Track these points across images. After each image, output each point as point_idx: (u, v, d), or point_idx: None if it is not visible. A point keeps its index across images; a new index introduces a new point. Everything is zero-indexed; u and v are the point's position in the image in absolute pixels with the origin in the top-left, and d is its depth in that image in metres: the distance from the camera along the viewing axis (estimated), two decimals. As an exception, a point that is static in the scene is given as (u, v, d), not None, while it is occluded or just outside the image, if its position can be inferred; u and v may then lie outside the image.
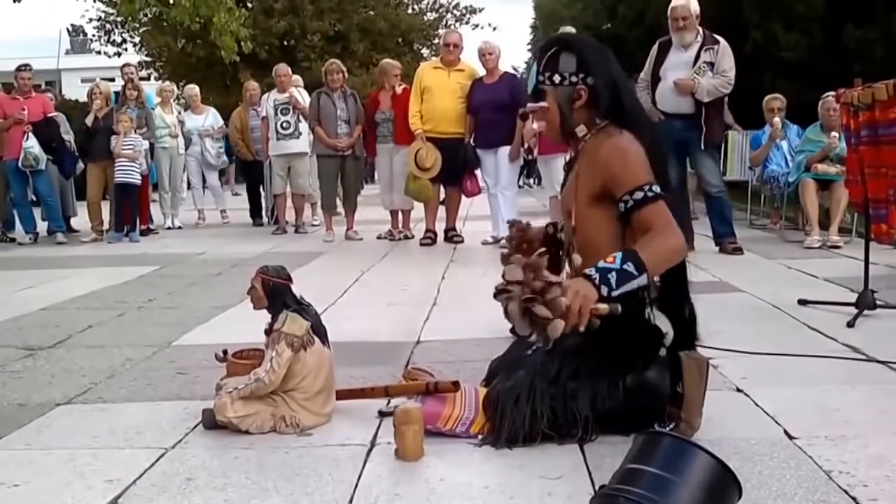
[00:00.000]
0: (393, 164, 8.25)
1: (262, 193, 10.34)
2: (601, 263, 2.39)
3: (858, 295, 4.13)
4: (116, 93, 9.96)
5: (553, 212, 6.93)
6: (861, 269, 4.25)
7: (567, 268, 2.75)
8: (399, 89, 8.31)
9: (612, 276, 2.35)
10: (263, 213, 10.35)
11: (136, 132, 8.82)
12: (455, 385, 2.71)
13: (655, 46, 6.65)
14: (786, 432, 2.54)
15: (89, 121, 8.72)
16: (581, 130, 2.66)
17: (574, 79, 2.62)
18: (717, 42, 6.38)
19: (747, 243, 6.72)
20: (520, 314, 2.31)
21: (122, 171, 8.50)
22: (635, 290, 2.40)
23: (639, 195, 2.48)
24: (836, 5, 10.61)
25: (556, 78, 2.64)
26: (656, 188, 2.48)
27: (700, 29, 6.42)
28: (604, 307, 2.32)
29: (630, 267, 2.36)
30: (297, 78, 10.14)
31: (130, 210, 8.69)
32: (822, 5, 10.81)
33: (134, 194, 8.65)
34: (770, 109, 7.93)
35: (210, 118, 10.58)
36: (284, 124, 8.76)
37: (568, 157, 2.85)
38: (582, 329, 2.31)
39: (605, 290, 2.33)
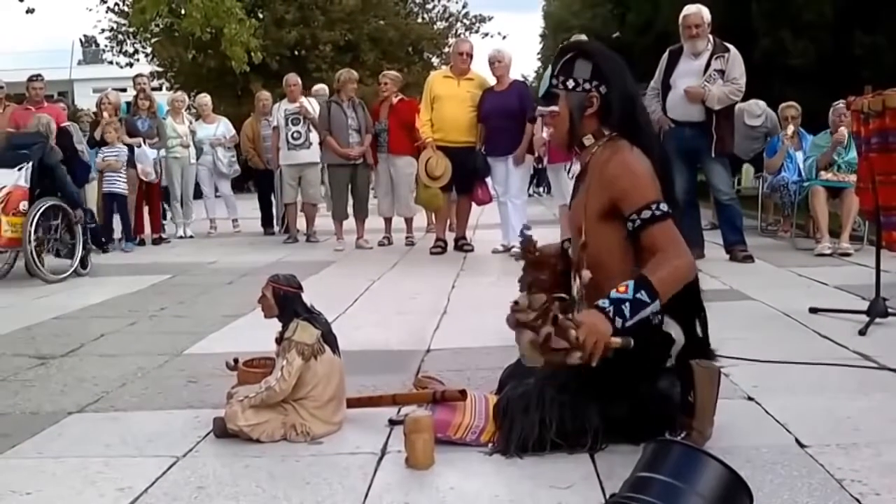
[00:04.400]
0: (392, 173, 8.37)
1: (273, 203, 10.36)
2: (614, 294, 2.38)
3: (870, 303, 4.10)
4: (128, 103, 10.01)
5: (563, 221, 6.93)
6: (872, 276, 4.23)
7: (576, 283, 2.74)
8: (395, 100, 8.38)
9: (626, 307, 2.36)
10: (275, 222, 10.37)
11: (145, 143, 8.85)
12: (462, 394, 2.71)
13: (666, 54, 6.66)
14: (797, 440, 2.53)
15: (97, 133, 8.73)
16: (588, 140, 2.65)
17: (588, 86, 2.61)
18: (728, 50, 6.39)
19: (758, 251, 6.70)
20: (531, 347, 2.32)
21: (108, 180, 8.49)
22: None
23: (646, 214, 2.46)
24: (845, 12, 10.60)
25: (570, 83, 2.63)
26: (664, 206, 2.47)
27: (711, 37, 6.43)
28: (617, 341, 2.34)
29: (643, 295, 2.37)
30: (322, 87, 10.18)
31: (107, 220, 8.64)
32: (830, 12, 10.79)
33: (122, 204, 8.61)
34: (785, 118, 7.92)
35: (221, 127, 10.61)
36: (295, 134, 8.78)
37: (568, 167, 2.86)
38: (594, 364, 2.32)
39: (619, 322, 2.35)
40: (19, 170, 6.48)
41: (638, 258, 2.50)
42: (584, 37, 8.45)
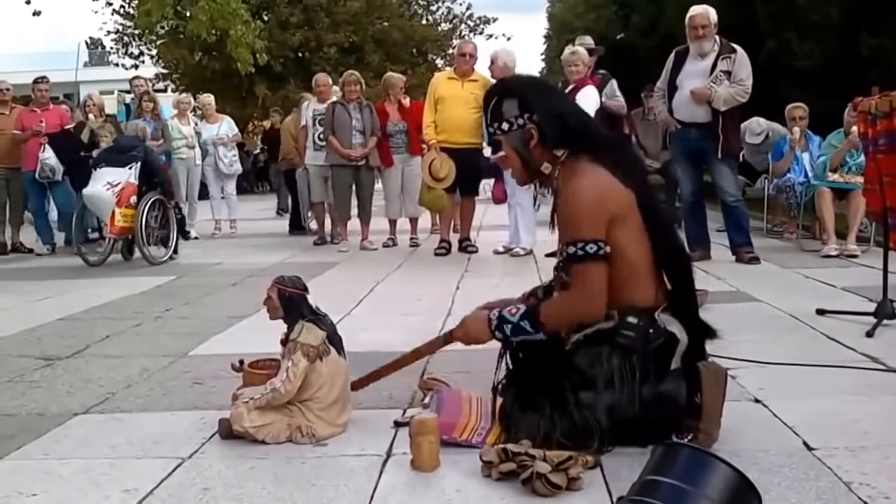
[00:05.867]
0: (404, 174, 8.36)
1: (300, 203, 10.17)
2: (505, 312, 2.59)
3: (877, 304, 4.09)
4: (127, 105, 9.97)
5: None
6: (879, 278, 4.21)
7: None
8: (406, 101, 8.37)
9: (508, 328, 2.58)
10: (302, 221, 10.17)
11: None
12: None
13: (672, 55, 6.64)
14: (805, 443, 2.52)
15: (85, 136, 8.63)
16: (546, 168, 2.65)
17: (521, 121, 2.63)
18: (734, 51, 6.36)
19: (764, 253, 6.68)
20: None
21: None
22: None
23: (571, 250, 2.50)
24: (851, 14, 10.55)
25: (504, 125, 2.66)
26: (591, 247, 2.47)
27: (717, 38, 6.40)
28: None
29: (526, 324, 2.55)
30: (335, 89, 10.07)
31: None
32: (836, 14, 10.75)
33: None
34: (792, 118, 7.89)
35: (224, 126, 10.59)
36: (322, 135, 8.66)
37: (535, 200, 2.89)
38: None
39: (498, 335, 2.60)
40: (129, 168, 7.48)
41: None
42: (588, 38, 8.45)
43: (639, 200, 2.56)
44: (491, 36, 25.88)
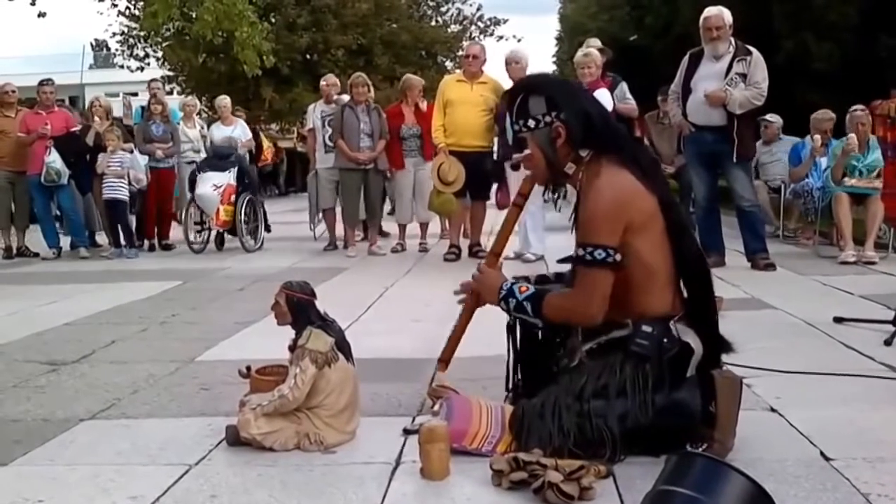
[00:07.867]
0: (416, 178, 8.29)
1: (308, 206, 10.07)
2: (515, 287, 2.71)
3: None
4: (143, 107, 9.95)
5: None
6: (897, 285, 4.16)
7: None
8: (423, 105, 8.32)
9: (512, 302, 2.69)
10: (310, 226, 9.91)
11: (131, 148, 8.78)
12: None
13: (686, 58, 6.57)
14: (822, 453, 2.48)
15: (90, 139, 8.62)
16: (570, 168, 2.64)
17: (548, 118, 2.61)
18: (750, 53, 6.30)
19: (780, 259, 6.61)
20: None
21: (110, 187, 8.38)
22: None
23: (580, 252, 2.51)
24: (870, 14, 10.46)
25: (531, 122, 2.64)
26: (599, 253, 2.46)
27: (732, 39, 6.34)
28: None
29: (528, 306, 2.65)
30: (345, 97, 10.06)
31: (113, 226, 8.63)
32: (855, 15, 10.65)
33: (123, 210, 8.53)
34: (823, 131, 7.63)
35: (238, 130, 10.56)
36: (332, 137, 8.61)
37: (550, 195, 2.87)
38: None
39: (502, 305, 2.73)
40: (229, 172, 8.68)
41: (620, 285, 2.50)
42: (596, 40, 8.39)
43: (661, 204, 2.52)
44: (501, 37, 25.77)
